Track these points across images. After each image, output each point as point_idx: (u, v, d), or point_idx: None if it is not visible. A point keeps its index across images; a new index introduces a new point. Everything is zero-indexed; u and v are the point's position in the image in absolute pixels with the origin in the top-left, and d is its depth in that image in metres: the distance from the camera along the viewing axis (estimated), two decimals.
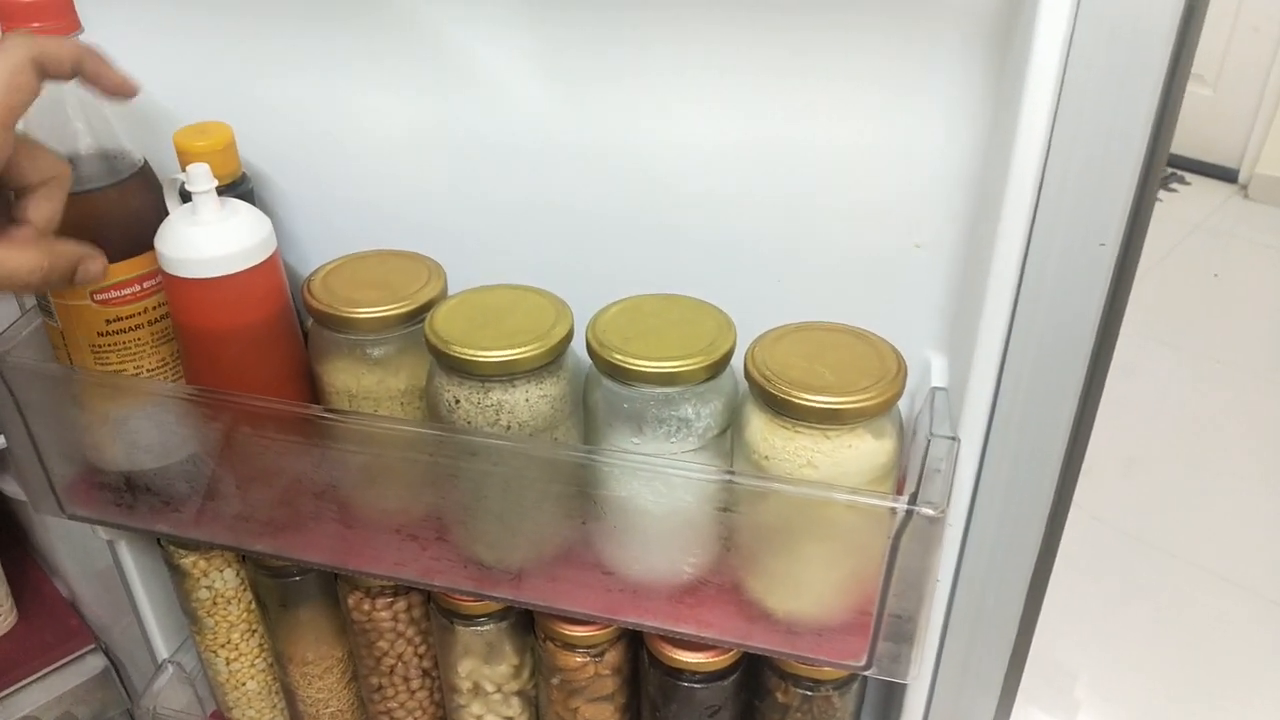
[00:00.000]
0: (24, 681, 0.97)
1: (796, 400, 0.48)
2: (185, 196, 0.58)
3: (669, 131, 0.56)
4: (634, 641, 0.63)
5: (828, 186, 0.55)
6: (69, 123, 0.55)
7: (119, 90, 0.50)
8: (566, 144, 0.57)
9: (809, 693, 0.60)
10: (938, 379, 0.56)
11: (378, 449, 0.55)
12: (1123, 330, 0.52)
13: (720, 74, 0.53)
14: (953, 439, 0.51)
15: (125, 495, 0.62)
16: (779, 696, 0.61)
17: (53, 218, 0.48)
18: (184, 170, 0.59)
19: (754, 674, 0.62)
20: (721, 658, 0.59)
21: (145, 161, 0.58)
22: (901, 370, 0.49)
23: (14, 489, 1.00)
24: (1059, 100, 0.44)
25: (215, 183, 0.55)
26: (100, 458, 0.62)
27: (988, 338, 0.49)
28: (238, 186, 0.61)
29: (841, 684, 0.60)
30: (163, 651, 0.81)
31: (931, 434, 0.51)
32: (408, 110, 0.59)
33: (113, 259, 0.56)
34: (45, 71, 0.45)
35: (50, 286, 0.48)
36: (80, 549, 0.96)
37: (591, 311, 0.55)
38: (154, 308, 0.59)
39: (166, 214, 0.58)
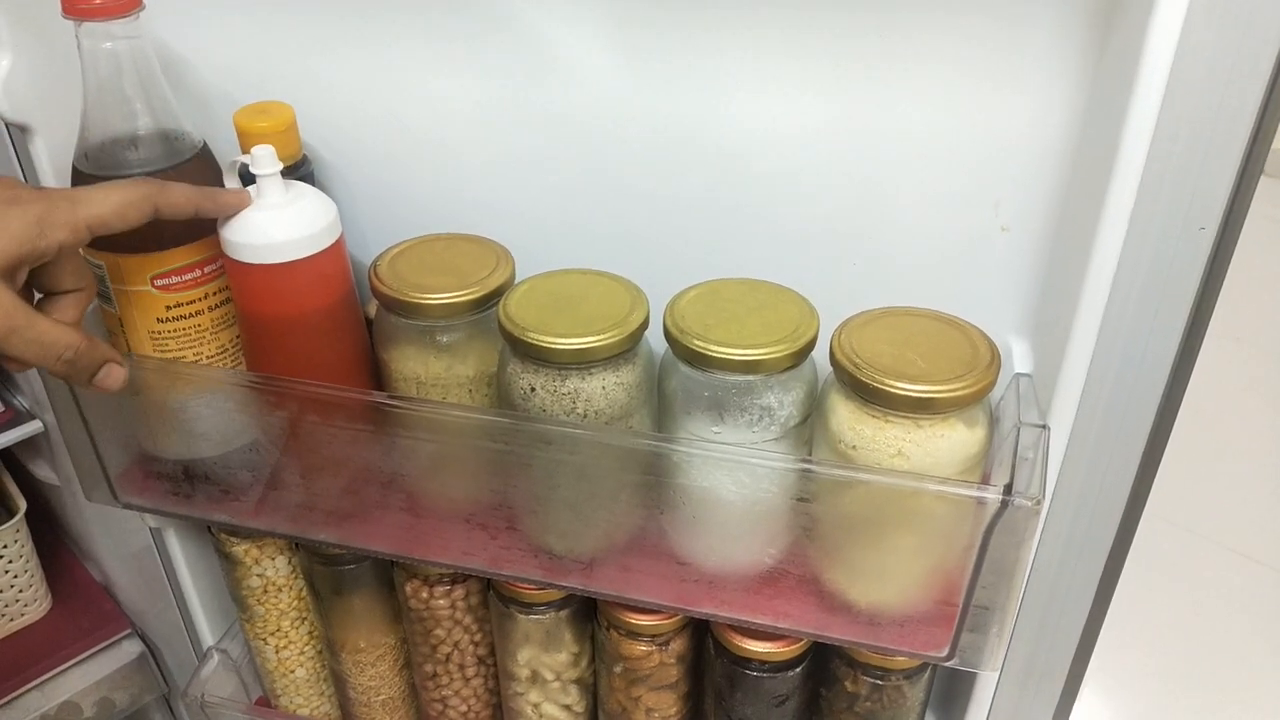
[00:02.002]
0: (61, 667, 0.96)
1: (888, 388, 0.47)
2: (245, 179, 0.57)
3: (745, 113, 0.54)
4: (699, 629, 0.62)
5: (909, 169, 0.53)
6: (128, 102, 0.54)
7: (234, 210, 0.53)
8: (638, 125, 0.56)
9: (879, 682, 0.59)
10: (1020, 365, 0.54)
11: (449, 437, 0.54)
12: None
13: (799, 54, 0.52)
14: (1043, 427, 0.50)
15: (183, 484, 0.61)
16: (848, 686, 0.60)
17: (78, 322, 0.50)
18: (244, 152, 0.57)
19: (822, 663, 0.61)
20: (791, 647, 0.59)
21: (205, 143, 0.57)
22: (995, 358, 0.48)
23: (46, 473, 0.99)
24: (1169, 80, 0.43)
25: (281, 165, 0.53)
26: (157, 446, 0.61)
27: (1084, 323, 0.48)
28: (298, 169, 0.60)
29: (912, 673, 0.59)
30: (208, 638, 0.80)
31: (1021, 422, 0.50)
32: (473, 91, 0.58)
33: (173, 243, 0.55)
34: (160, 213, 0.49)
35: (72, 373, 0.49)
36: (115, 533, 0.95)
37: (663, 297, 0.53)
38: (214, 293, 0.57)
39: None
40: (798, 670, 0.60)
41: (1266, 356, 2.03)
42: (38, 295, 0.50)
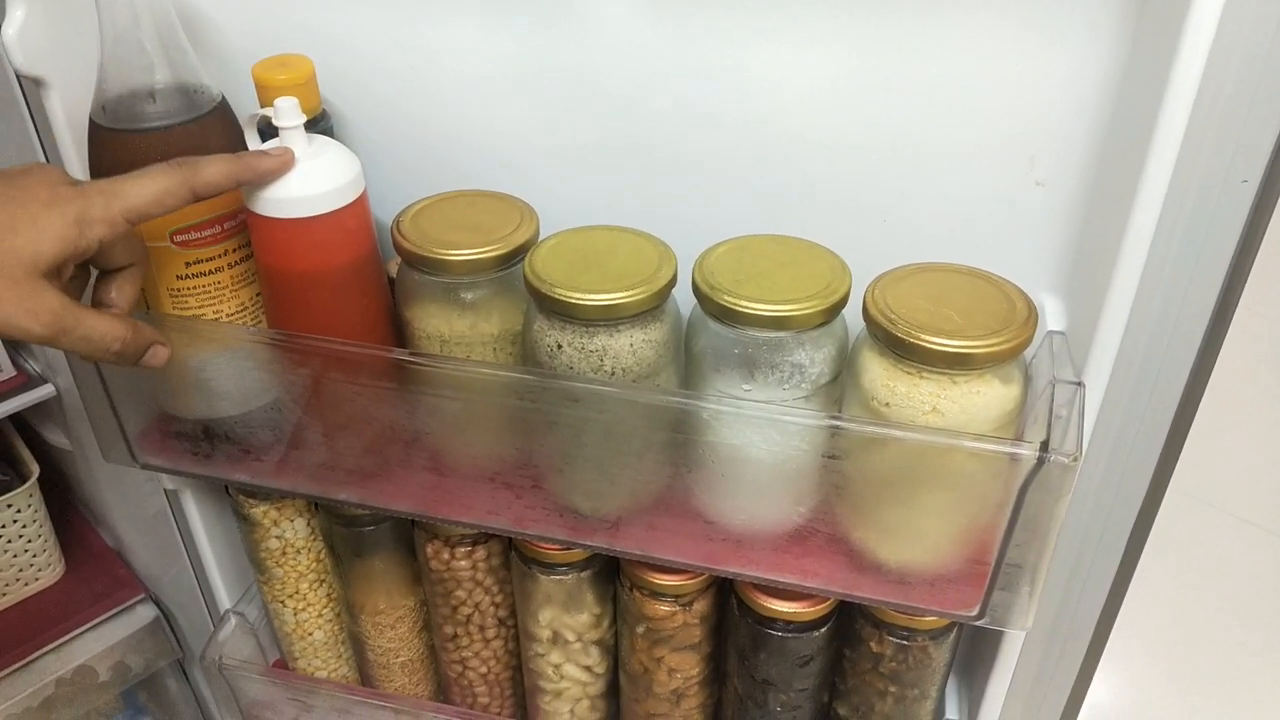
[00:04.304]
0: (76, 632, 0.96)
1: (924, 344, 0.46)
2: (264, 134, 0.56)
3: (772, 65, 0.53)
4: (722, 589, 0.62)
5: (941, 122, 0.52)
6: (145, 55, 0.53)
7: (279, 174, 0.52)
8: (664, 80, 0.55)
9: (905, 642, 0.59)
10: (1052, 322, 0.54)
11: (474, 395, 0.54)
12: None
13: (828, 5, 0.51)
14: (1078, 384, 0.49)
15: (202, 444, 0.60)
16: (873, 646, 0.60)
17: (133, 300, 0.51)
18: (263, 106, 0.56)
19: (846, 623, 0.61)
20: (816, 607, 0.58)
21: (224, 97, 0.56)
22: (1032, 314, 0.48)
23: (60, 439, 0.99)
24: (1215, 31, 0.42)
25: (304, 118, 0.52)
26: (176, 405, 0.60)
27: (1122, 279, 0.47)
28: (317, 124, 0.59)
29: (939, 633, 0.59)
30: (225, 602, 0.80)
31: (1055, 379, 0.50)
32: (496, 46, 0.57)
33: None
34: (198, 195, 0.49)
35: (122, 360, 0.49)
36: (129, 498, 0.94)
37: (689, 256, 0.53)
38: (234, 250, 0.56)
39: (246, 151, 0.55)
40: (822, 630, 0.60)
41: None
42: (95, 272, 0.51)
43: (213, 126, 0.55)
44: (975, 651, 0.66)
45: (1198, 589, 1.47)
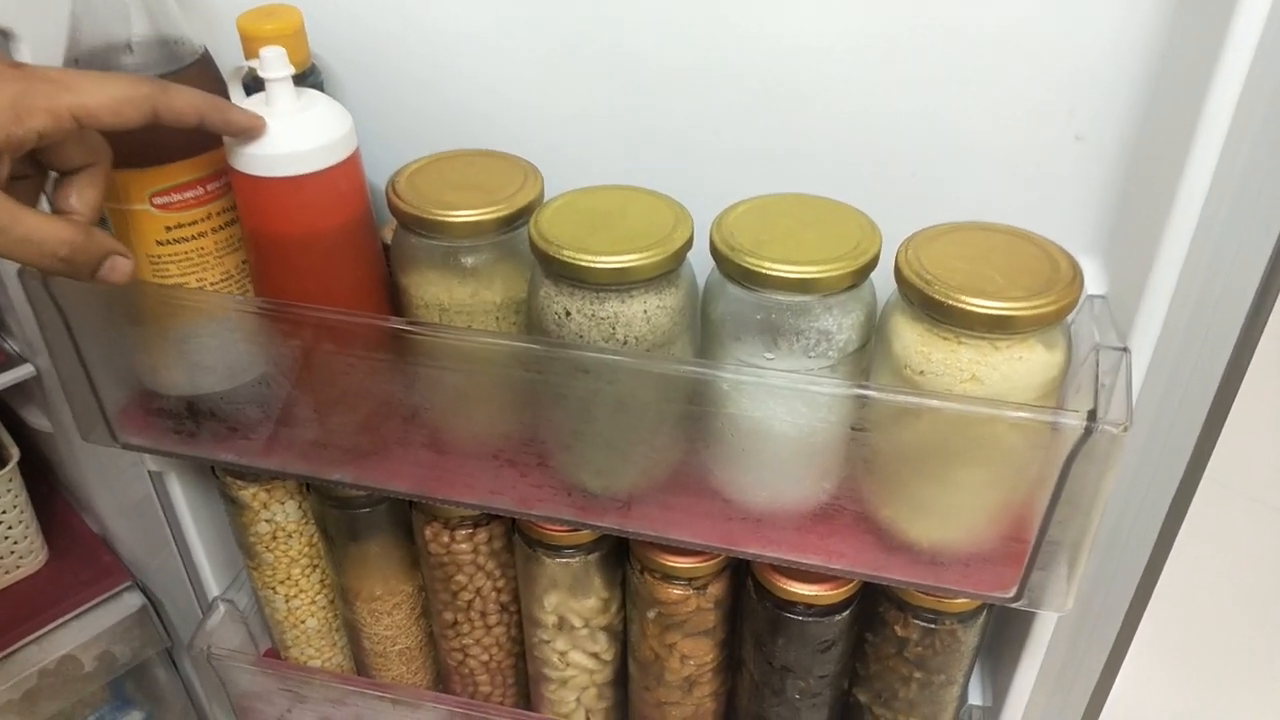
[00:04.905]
0: (59, 620, 0.92)
1: (963, 306, 0.43)
2: (250, 88, 0.53)
3: (793, 16, 0.50)
4: (738, 571, 0.59)
5: (974, 72, 0.49)
6: (122, 4, 0.49)
7: (244, 132, 0.48)
8: (676, 32, 0.51)
9: (932, 625, 0.56)
10: (1091, 285, 0.50)
11: (476, 367, 0.50)
12: None
13: None
14: (1124, 350, 0.46)
15: (187, 422, 0.57)
16: (897, 630, 0.57)
17: (94, 205, 0.46)
18: (248, 58, 0.53)
19: (869, 605, 0.58)
20: (838, 590, 0.55)
21: (206, 49, 0.52)
22: (1077, 274, 0.44)
23: (40, 421, 0.95)
24: None
25: (292, 69, 0.48)
26: (158, 381, 0.57)
27: (1172, 240, 0.44)
28: (306, 79, 0.55)
29: (968, 616, 0.56)
30: (213, 589, 0.77)
31: (1100, 345, 0.46)
32: None
33: (172, 157, 0.51)
34: (159, 117, 0.44)
35: (71, 271, 0.44)
36: (114, 482, 0.91)
37: (705, 217, 0.49)
38: (218, 213, 0.53)
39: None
40: (845, 614, 0.57)
41: None
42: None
43: (194, 80, 0.50)
44: (1002, 634, 0.63)
45: (1230, 573, 1.44)
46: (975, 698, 0.67)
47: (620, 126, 0.55)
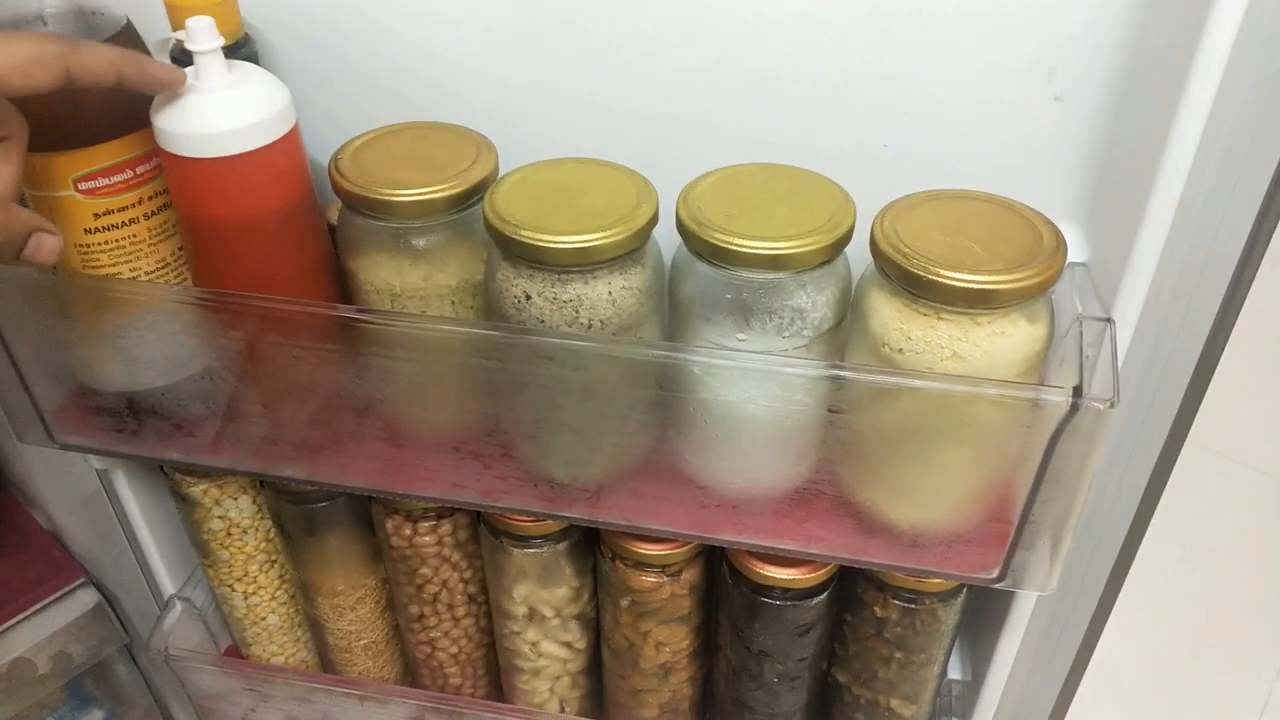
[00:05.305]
0: (11, 622, 0.89)
1: (943, 280, 0.41)
2: (178, 62, 0.49)
3: None
4: (713, 556, 0.57)
5: (946, 31, 0.46)
6: None
7: (166, 86, 0.44)
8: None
9: (911, 605, 0.54)
10: (1071, 253, 0.49)
11: (433, 356, 0.48)
12: None
13: None
14: (1108, 321, 0.45)
15: (128, 420, 0.54)
16: (876, 610, 0.55)
17: (12, 182, 0.42)
18: (175, 29, 0.49)
19: (847, 586, 0.56)
20: (816, 573, 0.54)
21: (129, 20, 0.48)
22: (1060, 244, 0.42)
23: None
24: None
25: (221, 40, 0.45)
26: (95, 378, 0.53)
27: (1159, 205, 0.42)
28: (239, 50, 0.51)
29: (947, 595, 0.54)
30: (169, 587, 0.74)
31: (1083, 316, 0.45)
32: None
33: (98, 139, 0.47)
34: (73, 79, 0.40)
35: None
36: (60, 477, 0.87)
37: (668, 190, 0.47)
38: (150, 198, 0.49)
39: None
40: (822, 597, 0.55)
41: None
42: None
43: None
44: (981, 608, 0.62)
45: (1211, 539, 1.44)
46: (954, 672, 0.66)
47: (577, 96, 0.52)
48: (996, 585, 0.47)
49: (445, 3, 0.51)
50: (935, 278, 0.41)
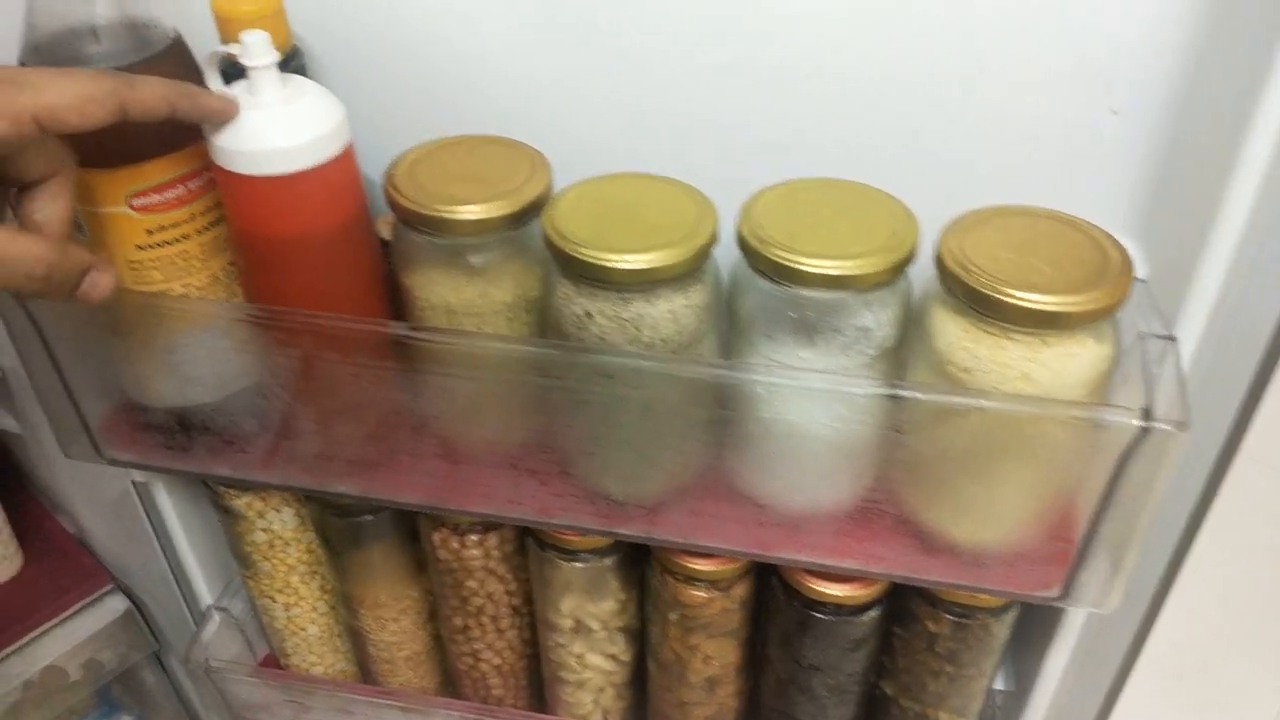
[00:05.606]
0: (40, 629, 0.89)
1: (1014, 301, 0.40)
2: (228, 75, 0.48)
3: None
4: (763, 571, 0.57)
5: (1002, 39, 0.46)
6: None
7: (219, 116, 0.44)
8: (675, 4, 0.48)
9: (964, 620, 0.54)
10: None
11: (493, 374, 0.47)
12: None
13: None
14: (1171, 339, 0.44)
15: (178, 436, 0.53)
16: (929, 625, 0.55)
17: (64, 218, 0.42)
18: (224, 41, 0.48)
19: (899, 600, 0.56)
20: (869, 588, 0.53)
21: (178, 33, 0.48)
22: (1127, 263, 0.42)
23: (8, 422, 0.91)
24: None
25: (277, 55, 0.45)
26: (145, 393, 0.53)
27: (1227, 220, 0.42)
28: (289, 63, 0.51)
29: (1000, 610, 0.54)
30: (205, 596, 0.74)
31: (1146, 334, 0.44)
32: None
33: (151, 154, 0.47)
34: (127, 114, 0.40)
35: (50, 290, 0.40)
36: (89, 482, 0.87)
37: (719, 200, 0.46)
38: (202, 213, 0.49)
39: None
40: (875, 612, 0.55)
41: None
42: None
43: (168, 68, 0.47)
44: (1028, 619, 0.62)
45: (1259, 552, 1.43)
46: (998, 681, 0.66)
47: (626, 105, 0.52)
48: (1060, 604, 0.47)
49: (491, 12, 0.50)
50: (1006, 298, 0.40)
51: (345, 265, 0.49)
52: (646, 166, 0.49)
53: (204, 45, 0.49)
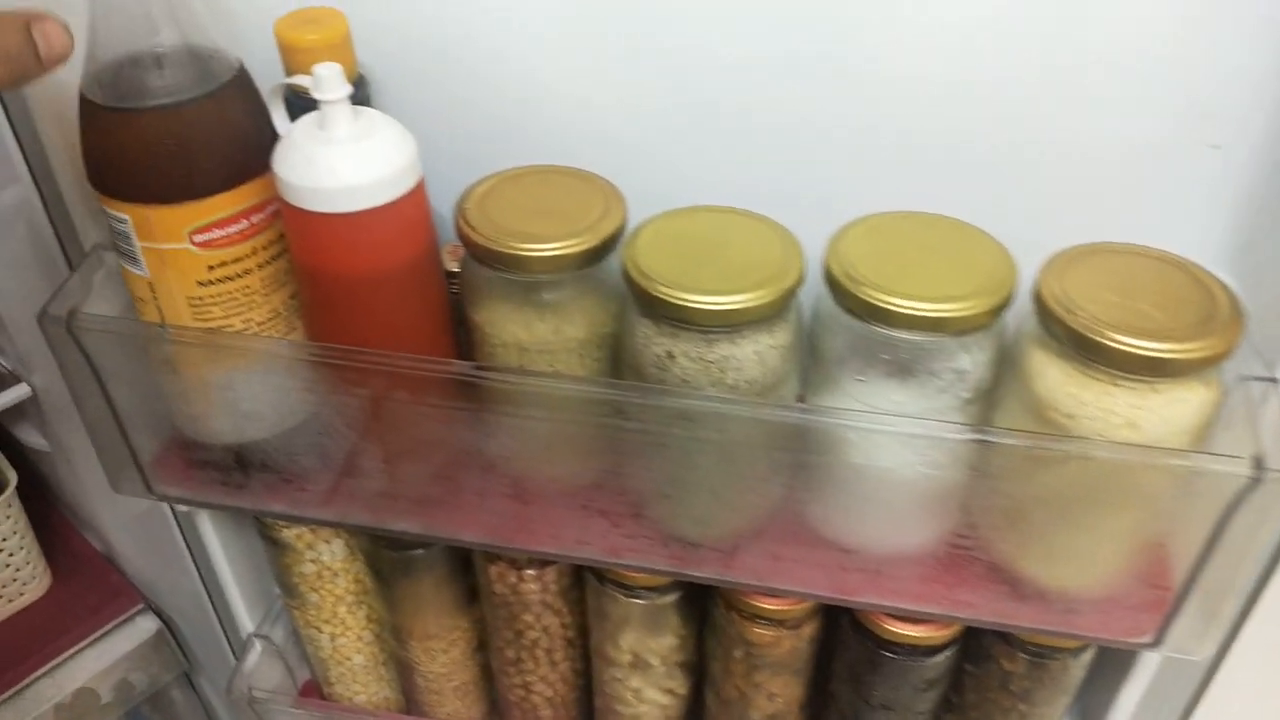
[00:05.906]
0: (70, 651, 0.87)
1: (1124, 348, 0.39)
2: (293, 106, 0.47)
3: (892, 6, 0.45)
4: (833, 609, 0.55)
5: (1096, 69, 0.44)
6: (147, 12, 0.43)
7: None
8: (758, 23, 0.46)
9: (1040, 659, 0.53)
10: None
11: (566, 415, 0.46)
12: None
13: None
14: (1272, 380, 0.43)
15: (234, 473, 0.52)
16: (1004, 664, 0.54)
17: None
18: (289, 72, 0.47)
19: (972, 639, 0.55)
20: (947, 630, 0.52)
21: (242, 64, 0.46)
22: (1236, 305, 0.41)
23: (36, 439, 0.89)
24: None
25: (349, 89, 0.43)
26: (201, 430, 0.52)
27: None
28: (355, 93, 0.49)
29: (1078, 650, 0.53)
30: (246, 623, 0.72)
31: (1246, 376, 0.43)
32: None
33: (213, 189, 0.45)
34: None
35: (7, 65, 0.36)
36: (116, 499, 0.85)
37: (804, 238, 0.45)
38: (264, 247, 0.47)
39: (271, 130, 0.46)
40: (949, 652, 0.53)
41: None
42: None
43: (232, 100, 0.45)
44: (1101, 657, 0.60)
45: None
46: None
47: (701, 133, 0.50)
48: (1153, 650, 0.46)
49: (556, 37, 0.49)
50: (1114, 344, 0.39)
51: (415, 300, 0.47)
52: (715, 196, 0.48)
53: (260, 69, 0.47)
